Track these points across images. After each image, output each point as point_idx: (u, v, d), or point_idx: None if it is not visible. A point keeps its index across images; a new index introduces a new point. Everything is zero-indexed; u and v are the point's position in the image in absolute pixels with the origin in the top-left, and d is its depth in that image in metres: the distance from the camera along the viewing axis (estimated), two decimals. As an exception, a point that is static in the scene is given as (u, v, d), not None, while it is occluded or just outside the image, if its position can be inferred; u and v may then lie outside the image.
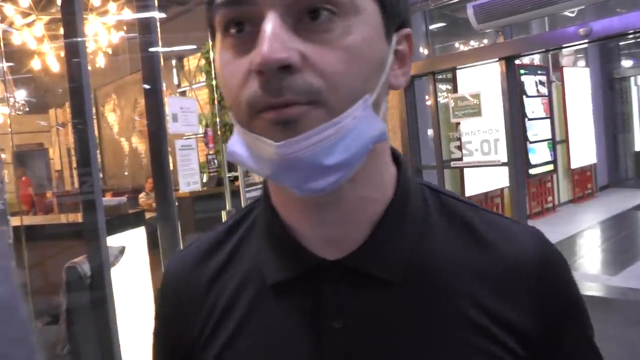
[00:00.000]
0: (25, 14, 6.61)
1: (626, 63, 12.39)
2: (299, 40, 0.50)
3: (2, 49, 3.69)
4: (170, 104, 3.19)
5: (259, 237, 0.65)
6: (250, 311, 0.62)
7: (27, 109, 12.28)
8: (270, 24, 0.49)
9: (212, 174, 8.41)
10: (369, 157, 0.54)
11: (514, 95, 5.97)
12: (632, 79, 11.57)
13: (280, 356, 0.59)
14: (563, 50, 7.85)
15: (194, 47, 9.01)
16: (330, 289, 0.58)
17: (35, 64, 7.33)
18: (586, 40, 4.80)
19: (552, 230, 8.05)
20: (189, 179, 3.24)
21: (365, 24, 0.52)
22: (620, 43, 11.84)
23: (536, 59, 9.72)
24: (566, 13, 8.65)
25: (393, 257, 0.59)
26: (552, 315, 0.60)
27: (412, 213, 0.61)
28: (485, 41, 8.76)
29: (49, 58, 7.24)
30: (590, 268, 6.21)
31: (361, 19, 0.52)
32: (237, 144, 0.56)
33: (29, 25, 6.77)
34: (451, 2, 5.89)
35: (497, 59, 5.72)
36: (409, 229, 0.60)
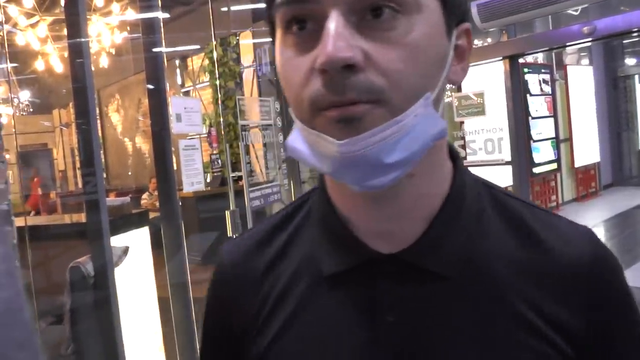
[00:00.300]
0: (29, 15, 6.62)
1: (630, 61, 12.35)
2: (362, 39, 0.50)
3: (6, 49, 3.70)
4: (174, 104, 3.19)
5: (314, 228, 0.66)
6: (303, 301, 0.63)
7: (31, 110, 12.31)
8: (334, 23, 0.49)
9: (215, 174, 8.41)
10: (428, 152, 0.54)
11: (517, 93, 5.96)
12: (636, 77, 11.54)
13: (333, 347, 0.60)
14: (567, 48, 7.83)
15: (198, 47, 9.02)
16: (385, 282, 0.59)
17: (39, 65, 7.36)
18: (590, 39, 4.78)
19: (556, 229, 8.03)
20: (192, 178, 3.24)
21: (427, 21, 0.52)
22: (624, 41, 11.80)
23: (540, 57, 9.69)
24: (570, 11, 8.62)
25: (448, 252, 0.59)
26: (604, 316, 0.59)
27: (467, 208, 0.61)
28: (489, 40, 8.74)
29: (53, 59, 7.25)
30: (595, 267, 6.19)
31: (423, 16, 0.52)
32: (297, 140, 0.56)
33: (32, 26, 6.79)
34: (454, 0, 5.89)
35: (500, 58, 5.70)
36: (465, 224, 0.60)
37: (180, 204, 3.25)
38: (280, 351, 0.63)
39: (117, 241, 2.96)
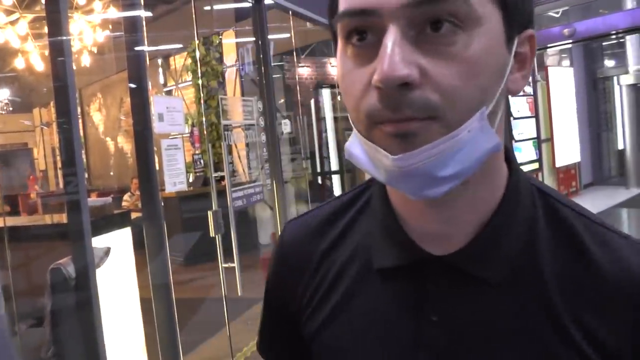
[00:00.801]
0: (8, 12, 6.53)
1: (609, 63, 12.52)
2: (419, 53, 0.50)
3: (-15, 47, 3.65)
4: (156, 104, 3.17)
5: (370, 221, 0.68)
6: (353, 289, 0.66)
7: (11, 109, 12.16)
8: (391, 39, 0.49)
9: (198, 174, 8.38)
10: (486, 164, 0.55)
11: (499, 94, 5.99)
12: (615, 78, 11.69)
13: (377, 337, 0.63)
14: (548, 50, 7.91)
15: (180, 46, 8.98)
16: (432, 282, 0.60)
17: (19, 63, 7.26)
18: (570, 41, 4.83)
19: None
20: (175, 178, 3.22)
21: (487, 34, 0.52)
22: (604, 43, 11.95)
23: (521, 58, 9.77)
24: (551, 13, 8.72)
25: (495, 259, 0.59)
26: None
27: (521, 216, 0.61)
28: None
29: (33, 57, 7.17)
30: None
31: (483, 29, 0.51)
32: (356, 146, 0.57)
33: (12, 23, 6.70)
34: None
35: (482, 59, 5.75)
36: (516, 231, 0.60)
37: (162, 204, 3.23)
38: (328, 337, 0.67)
39: (98, 242, 2.93)
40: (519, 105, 8.89)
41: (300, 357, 0.75)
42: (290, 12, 5.15)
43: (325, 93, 9.24)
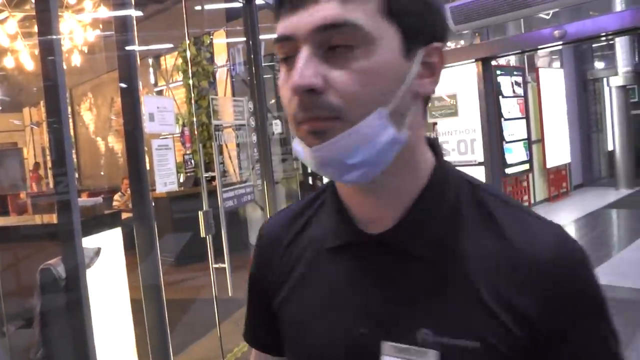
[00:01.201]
0: (-2, 11, 6.50)
1: (599, 65, 12.60)
2: (326, 67, 0.63)
3: (-26, 46, 3.63)
4: (147, 103, 3.16)
5: (326, 211, 0.81)
6: (308, 270, 0.80)
7: (0, 108, 12.09)
8: (302, 57, 0.63)
9: (188, 174, 8.36)
10: (401, 154, 0.68)
11: (490, 95, 6.03)
12: (605, 80, 11.77)
13: (327, 308, 0.75)
14: (538, 51, 7.95)
15: (171, 46, 8.96)
16: (370, 258, 0.73)
17: (8, 62, 7.22)
18: (561, 42, 4.85)
19: (528, 229, 8.14)
20: (165, 179, 3.21)
21: (382, 49, 0.64)
22: (594, 45, 12.03)
23: (512, 60, 9.82)
24: (542, 15, 8.76)
25: (419, 237, 0.70)
26: (563, 308, 0.65)
27: (445, 201, 0.72)
28: (462, 42, 8.83)
29: (23, 56, 7.13)
30: (565, 266, 6.29)
31: (376, 46, 0.63)
32: (297, 144, 0.69)
33: (1, 22, 6.67)
34: (428, 2, 5.93)
35: (473, 60, 5.76)
36: (439, 215, 0.71)
37: (153, 204, 3.22)
38: (288, 313, 0.81)
39: (89, 242, 2.92)
40: (510, 106, 8.94)
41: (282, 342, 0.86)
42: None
43: (317, 93, 9.22)
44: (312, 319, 0.77)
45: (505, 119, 8.78)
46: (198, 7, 7.64)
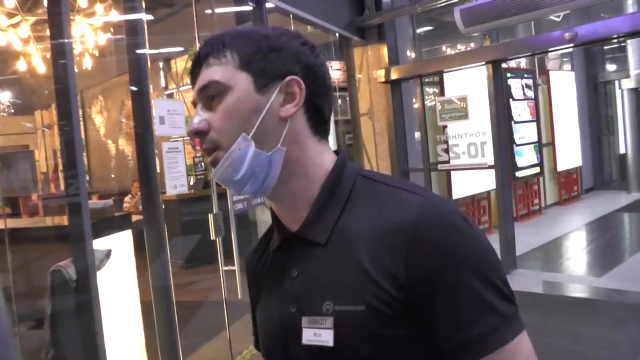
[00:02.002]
0: (10, 15, 6.55)
1: (610, 67, 12.52)
2: (208, 112, 0.88)
3: (-13, 50, 3.65)
4: (157, 106, 3.17)
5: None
6: (268, 270, 0.99)
7: (12, 111, 12.18)
8: (195, 110, 0.89)
9: (199, 177, 8.37)
10: (287, 166, 0.87)
11: (500, 98, 6.00)
12: (616, 82, 11.68)
13: (271, 291, 0.95)
14: (549, 54, 7.92)
15: (182, 49, 8.98)
16: (293, 250, 0.91)
17: (20, 65, 7.26)
18: (571, 45, 4.83)
19: (539, 232, 8.10)
20: (175, 181, 3.22)
21: (237, 92, 0.86)
22: (605, 47, 11.96)
23: (522, 62, 9.78)
24: (552, 17, 8.73)
25: (319, 226, 0.87)
26: (425, 267, 0.76)
27: (339, 195, 0.88)
28: (472, 45, 8.81)
29: (35, 59, 7.17)
30: (576, 270, 6.26)
31: (233, 90, 0.86)
32: None
33: (14, 26, 6.71)
34: (438, 5, 5.92)
35: (483, 63, 5.75)
36: (334, 206, 0.88)
37: (163, 207, 3.23)
38: (257, 304, 1.01)
39: (99, 244, 2.93)
40: (520, 109, 8.90)
41: None
42: (291, 16, 5.16)
43: (326, 96, 9.21)
44: (263, 308, 0.98)
45: (516, 122, 8.73)
46: (208, 11, 7.66)
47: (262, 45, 0.88)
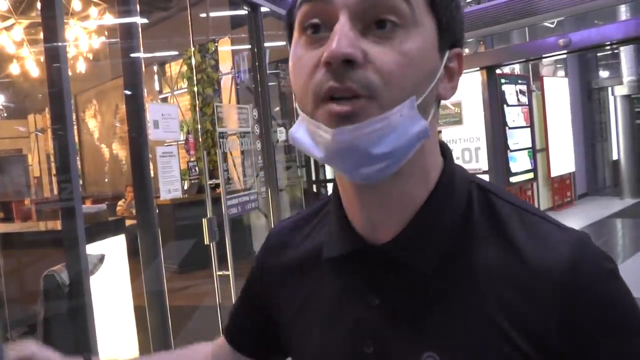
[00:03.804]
0: (4, 18, 6.53)
1: (604, 74, 12.58)
2: (365, 41, 0.57)
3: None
4: (152, 111, 3.16)
5: (330, 221, 0.75)
6: (314, 283, 0.74)
7: (5, 115, 12.13)
8: (341, 25, 0.57)
9: (193, 181, 8.36)
10: (416, 155, 0.61)
11: (495, 104, 6.02)
12: (610, 89, 11.75)
13: (331, 318, 0.70)
14: (543, 60, 7.95)
15: (176, 53, 8.98)
16: (372, 269, 0.67)
17: (14, 69, 7.25)
18: (565, 51, 4.85)
19: (532, 238, 8.12)
20: (169, 186, 3.21)
21: (422, 35, 0.60)
22: (598, 54, 12.02)
23: (517, 68, 9.82)
24: (546, 24, 8.77)
25: (424, 248, 0.64)
26: (581, 326, 0.58)
27: (452, 208, 0.65)
28: (467, 50, 8.84)
29: (29, 63, 7.16)
30: (570, 276, 6.27)
31: (419, 31, 0.59)
32: (299, 130, 0.63)
33: (7, 29, 6.70)
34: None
35: (478, 68, 5.77)
36: (446, 223, 0.65)
37: (157, 211, 3.21)
38: (298, 325, 0.76)
39: (92, 249, 2.92)
40: (514, 115, 8.92)
41: (262, 344, 0.86)
42: (287, 20, 5.15)
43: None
44: (311, 337, 0.73)
45: (510, 128, 8.76)
46: (203, 15, 7.67)
47: None
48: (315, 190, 8.81)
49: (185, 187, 8.13)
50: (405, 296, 0.64)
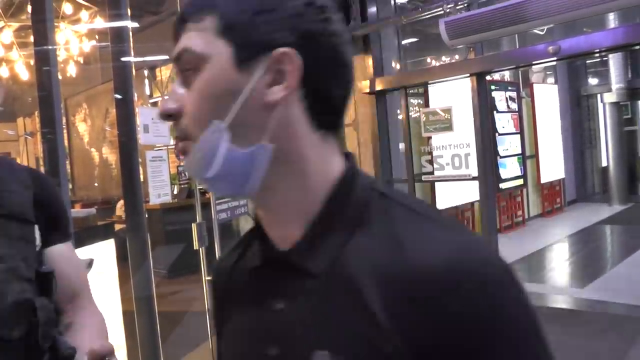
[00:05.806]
0: (-7, 21, 6.50)
1: (593, 81, 12.68)
2: (186, 90, 0.67)
3: (-31, 56, 3.62)
4: (142, 115, 3.16)
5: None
6: (240, 290, 0.78)
7: (-6, 118, 12.04)
8: (175, 82, 0.69)
9: (182, 186, 8.34)
10: (279, 169, 0.66)
11: (484, 110, 6.05)
12: (599, 96, 11.84)
13: (245, 328, 0.75)
14: (533, 67, 8.01)
15: (167, 57, 8.95)
16: (278, 274, 0.70)
17: (3, 72, 7.21)
18: (555, 58, 4.89)
19: (522, 243, 8.15)
20: (159, 190, 3.20)
21: (210, 66, 0.65)
22: (587, 61, 12.12)
23: (506, 75, 9.88)
24: (536, 31, 8.83)
25: (316, 253, 0.67)
26: (457, 332, 0.57)
27: (347, 215, 0.68)
28: (457, 57, 8.88)
29: (18, 66, 7.12)
30: (559, 281, 6.31)
31: (208, 65, 0.65)
32: None
33: (-3, 32, 6.66)
34: (423, 17, 5.96)
35: (468, 75, 5.79)
36: (340, 228, 0.67)
37: (146, 216, 3.20)
38: (225, 331, 0.80)
39: (81, 253, 2.90)
40: (504, 121, 8.98)
41: None
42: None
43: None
44: (228, 342, 0.80)
45: (500, 134, 8.81)
46: (194, 20, 7.67)
47: (248, 4, 0.65)
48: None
49: (175, 192, 8.11)
50: (303, 299, 0.67)
